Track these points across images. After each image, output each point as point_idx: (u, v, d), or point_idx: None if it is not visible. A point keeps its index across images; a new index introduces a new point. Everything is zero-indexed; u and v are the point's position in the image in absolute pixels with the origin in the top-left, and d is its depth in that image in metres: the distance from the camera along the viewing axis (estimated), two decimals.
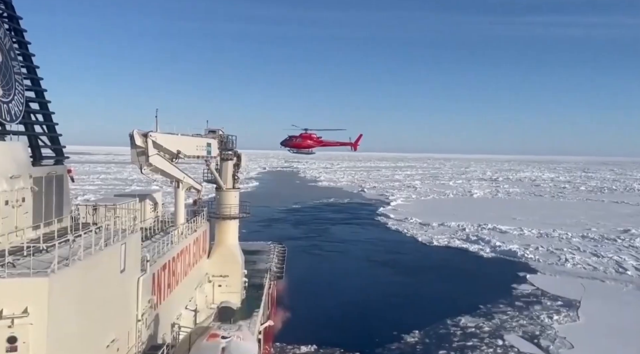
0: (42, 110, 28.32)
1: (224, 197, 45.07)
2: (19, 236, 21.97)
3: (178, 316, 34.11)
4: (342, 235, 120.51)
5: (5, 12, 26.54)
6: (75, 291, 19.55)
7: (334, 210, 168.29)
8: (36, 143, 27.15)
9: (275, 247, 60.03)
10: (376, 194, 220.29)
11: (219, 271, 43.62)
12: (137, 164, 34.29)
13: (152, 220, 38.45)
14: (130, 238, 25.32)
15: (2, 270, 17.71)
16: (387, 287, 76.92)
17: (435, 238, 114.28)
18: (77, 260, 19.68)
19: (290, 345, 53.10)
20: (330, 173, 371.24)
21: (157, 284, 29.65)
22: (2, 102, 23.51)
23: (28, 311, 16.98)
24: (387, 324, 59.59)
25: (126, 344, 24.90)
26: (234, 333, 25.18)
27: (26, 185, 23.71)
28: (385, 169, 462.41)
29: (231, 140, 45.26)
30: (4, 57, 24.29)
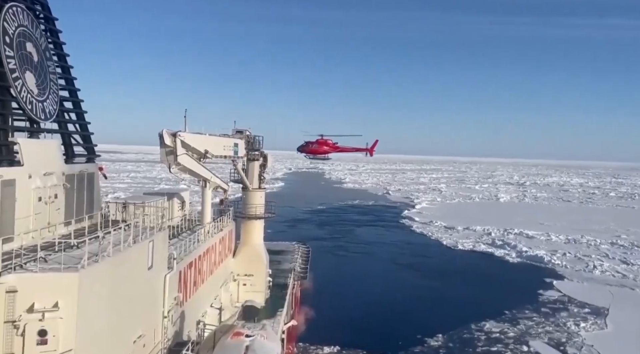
0: (75, 109, 28.93)
1: (250, 197, 45.41)
2: (51, 232, 22.51)
3: (203, 314, 34.49)
4: (367, 237, 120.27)
5: (42, 13, 27.24)
6: (104, 286, 19.97)
7: (358, 211, 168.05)
8: (69, 142, 27.74)
9: (300, 247, 60.18)
10: (401, 197, 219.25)
11: (243, 270, 43.96)
12: (165, 163, 34.77)
13: (179, 219, 38.96)
14: (158, 236, 25.72)
15: (34, 264, 18.21)
16: (411, 290, 76.55)
17: (460, 241, 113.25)
18: (106, 256, 20.10)
19: (313, 345, 53.25)
20: (355, 175, 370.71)
21: (183, 281, 30.05)
22: (37, 101, 24.14)
23: (58, 305, 17.40)
24: (410, 327, 59.33)
25: (152, 340, 25.29)
26: (257, 332, 25.37)
27: (59, 182, 24.28)
28: (411, 172, 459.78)
29: (258, 141, 45.58)
30: (39, 57, 24.94)
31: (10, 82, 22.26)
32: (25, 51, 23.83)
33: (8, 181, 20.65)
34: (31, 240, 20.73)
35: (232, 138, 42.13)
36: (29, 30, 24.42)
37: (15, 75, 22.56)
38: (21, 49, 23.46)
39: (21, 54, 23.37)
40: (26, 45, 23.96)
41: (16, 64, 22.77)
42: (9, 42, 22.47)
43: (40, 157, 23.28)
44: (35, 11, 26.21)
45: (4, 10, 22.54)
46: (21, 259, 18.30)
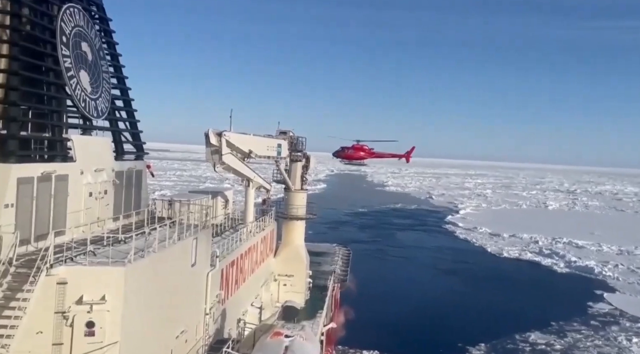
0: (126, 107, 29.71)
1: (292, 198, 45.62)
2: (100, 227, 23.17)
3: (244, 312, 34.80)
4: (408, 241, 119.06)
5: (97, 14, 28.11)
6: (148, 281, 20.40)
7: (400, 215, 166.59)
8: (119, 139, 28.48)
9: (340, 250, 60.03)
10: (444, 201, 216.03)
11: (284, 270, 44.17)
12: (210, 162, 35.34)
13: (222, 217, 39.49)
14: (202, 234, 26.12)
15: (84, 258, 18.77)
16: (452, 296, 75.25)
17: (506, 249, 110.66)
18: (151, 252, 20.53)
19: (352, 349, 53.03)
20: (397, 179, 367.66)
21: (225, 279, 30.40)
22: (90, 99, 24.91)
23: (105, 298, 17.87)
24: (451, 334, 58.30)
25: (194, 337, 25.68)
26: (297, 332, 25.42)
27: (109, 178, 24.97)
28: (455, 176, 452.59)
29: (301, 142, 45.76)
30: (94, 57, 25.74)
31: (65, 80, 23.04)
32: (81, 50, 24.63)
33: (61, 176, 21.36)
34: (81, 234, 21.36)
35: (275, 139, 42.45)
36: (84, 30, 25.23)
37: (70, 73, 23.34)
38: (77, 48, 24.25)
39: (77, 53, 24.17)
40: (81, 44, 24.75)
41: (72, 63, 23.55)
42: (65, 41, 23.27)
43: (92, 154, 23.99)
44: (90, 12, 27.06)
45: (61, 11, 23.37)
46: (72, 252, 18.87)
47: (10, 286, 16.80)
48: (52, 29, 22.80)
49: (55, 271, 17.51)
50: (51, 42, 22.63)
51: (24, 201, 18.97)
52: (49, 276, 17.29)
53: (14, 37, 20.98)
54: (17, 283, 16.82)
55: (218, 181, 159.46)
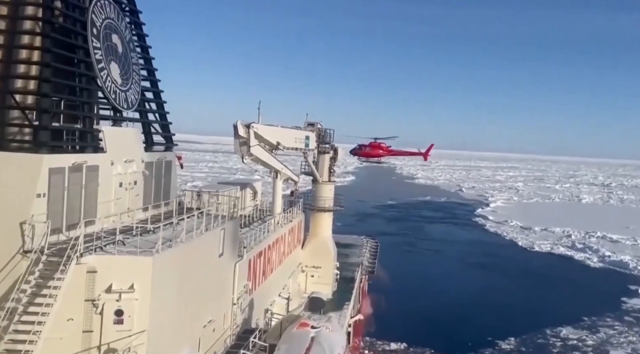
0: (156, 99, 30.05)
1: (320, 190, 45.65)
2: (130, 217, 23.50)
3: (271, 303, 35.05)
4: (437, 234, 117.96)
5: (127, 6, 28.41)
6: (176, 271, 20.64)
7: (429, 208, 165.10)
8: (149, 130, 28.85)
9: (368, 242, 59.88)
10: (475, 194, 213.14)
11: (311, 262, 44.30)
12: (239, 153, 35.56)
13: (251, 208, 39.74)
14: (229, 225, 26.30)
15: (113, 247, 19.07)
16: (482, 290, 74.32)
17: (537, 243, 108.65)
18: (179, 242, 20.75)
19: (380, 340, 52.85)
20: (427, 171, 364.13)
21: (253, 270, 30.60)
22: (120, 91, 25.25)
23: (134, 287, 18.16)
24: (480, 328, 57.59)
25: (222, 326, 25.94)
26: (323, 323, 25.45)
27: (138, 169, 25.30)
28: (486, 169, 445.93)
29: (329, 134, 45.69)
30: (124, 49, 26.04)
31: (96, 72, 23.36)
32: (111, 42, 24.93)
33: (92, 167, 21.72)
34: (111, 223, 21.71)
35: (303, 130, 42.45)
36: (114, 22, 25.52)
37: (101, 65, 23.66)
38: (107, 40, 24.55)
39: (107, 45, 24.47)
40: (112, 36, 25.05)
41: (102, 55, 23.85)
42: (96, 33, 23.57)
43: (122, 145, 24.31)
44: (121, 4, 27.35)
45: (92, 3, 23.65)
46: (101, 241, 19.20)
47: (42, 274, 17.21)
48: (83, 21, 23.11)
49: (85, 260, 17.85)
50: (82, 34, 22.95)
51: (55, 191, 19.34)
52: (79, 264, 17.62)
53: (46, 29, 21.33)
54: (49, 272, 17.22)
55: (248, 173, 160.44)
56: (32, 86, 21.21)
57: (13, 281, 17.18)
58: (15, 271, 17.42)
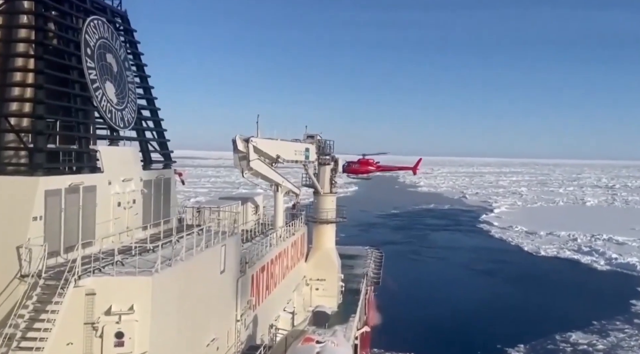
0: (153, 117, 29.92)
1: (322, 202, 45.41)
2: (129, 236, 23.26)
3: (276, 318, 34.65)
4: (442, 242, 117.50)
5: (121, 25, 28.39)
6: (177, 290, 20.35)
7: (433, 216, 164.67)
8: (146, 148, 28.67)
9: (373, 252, 59.44)
10: (479, 200, 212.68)
11: (316, 274, 43.90)
12: (239, 168, 35.33)
13: (253, 223, 39.48)
14: (230, 240, 26.03)
15: (112, 268, 18.83)
16: (489, 297, 73.80)
17: (543, 247, 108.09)
18: (179, 260, 20.49)
19: (388, 352, 52.43)
20: (430, 179, 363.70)
21: (256, 285, 30.27)
22: (116, 110, 25.12)
23: (134, 308, 17.88)
24: (489, 336, 57.09)
25: (226, 344, 25.59)
26: (328, 338, 25.09)
27: (137, 187, 25.07)
28: (489, 174, 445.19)
29: (329, 145, 45.54)
30: (119, 68, 25.96)
31: (91, 92, 23.25)
32: (106, 62, 24.84)
33: (89, 187, 21.53)
34: (111, 244, 21.47)
35: (303, 143, 42.30)
36: (109, 42, 25.47)
37: (96, 85, 23.56)
38: (101, 60, 24.48)
39: (102, 65, 24.40)
40: (106, 56, 24.98)
41: (97, 75, 23.77)
42: (90, 53, 23.51)
43: (119, 164, 24.12)
44: (115, 23, 27.34)
45: (86, 24, 23.62)
46: (100, 263, 18.94)
47: (40, 298, 16.96)
48: (77, 42, 23.06)
49: (83, 283, 17.59)
50: (76, 55, 22.89)
51: (52, 213, 19.14)
52: (77, 287, 17.36)
53: (39, 51, 21.28)
54: (47, 295, 16.97)
55: (251, 187, 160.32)
56: (27, 109, 21.11)
57: (11, 306, 16.94)
58: (12, 296, 17.19)
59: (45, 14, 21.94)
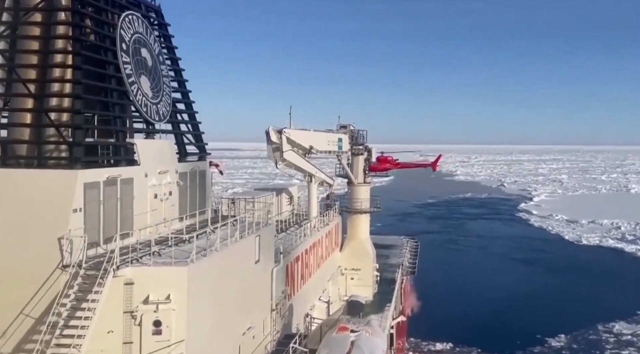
0: (187, 109, 30.34)
1: (355, 192, 45.40)
2: (166, 227, 23.74)
3: (311, 307, 34.92)
4: (480, 231, 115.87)
5: (155, 20, 28.80)
6: (212, 279, 20.70)
7: (471, 204, 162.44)
8: (181, 141, 29.11)
9: (408, 242, 59.15)
10: (517, 189, 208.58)
11: (350, 264, 44.02)
12: (272, 159, 35.60)
13: (288, 213, 39.76)
14: (265, 231, 26.28)
15: (149, 258, 19.28)
16: (529, 286, 72.51)
17: (585, 236, 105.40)
18: (213, 251, 20.82)
19: (425, 341, 52.23)
20: (467, 167, 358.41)
21: (291, 275, 30.53)
22: (151, 103, 25.56)
23: (170, 297, 18.28)
24: (529, 326, 56.18)
25: (262, 332, 25.93)
26: (362, 327, 25.15)
27: (173, 179, 25.50)
28: (528, 162, 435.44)
29: (362, 135, 45.40)
30: (153, 62, 26.37)
31: (127, 87, 23.69)
32: (140, 56, 25.25)
33: (126, 179, 22.01)
34: (148, 235, 21.94)
35: (336, 133, 42.28)
36: (143, 37, 25.86)
37: (131, 79, 23.99)
38: (137, 54, 24.89)
39: (137, 60, 24.81)
40: (141, 50, 25.37)
41: (132, 69, 24.19)
42: (125, 48, 23.94)
43: (155, 157, 24.56)
44: (149, 18, 27.73)
45: (121, 19, 24.05)
46: (137, 253, 19.42)
47: (81, 288, 17.50)
48: (112, 37, 23.51)
49: (121, 273, 18.06)
50: (112, 50, 23.34)
51: (91, 205, 19.66)
52: (116, 277, 17.84)
53: (77, 47, 21.78)
54: (87, 285, 17.50)
55: (288, 178, 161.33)
56: (66, 104, 21.65)
57: (53, 295, 17.54)
58: (55, 286, 17.78)
59: (81, 11, 22.41)
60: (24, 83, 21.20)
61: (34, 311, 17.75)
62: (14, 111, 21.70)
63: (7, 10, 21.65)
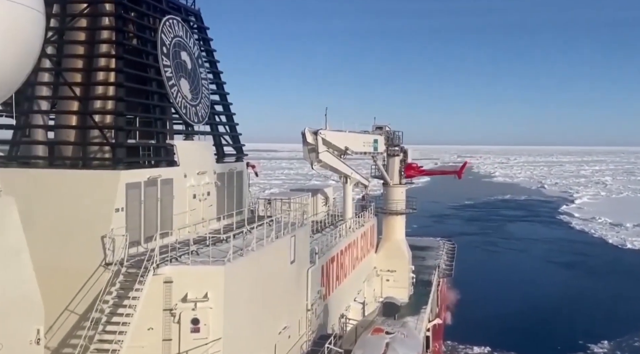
0: (225, 111, 30.88)
1: (391, 193, 45.23)
2: (204, 227, 24.20)
3: (347, 308, 34.99)
4: (519, 233, 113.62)
5: (195, 23, 29.42)
6: (248, 279, 21.02)
7: (510, 206, 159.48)
8: (219, 142, 29.65)
9: (445, 243, 58.55)
10: (558, 191, 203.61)
11: (386, 265, 43.88)
12: (308, 160, 35.87)
13: (323, 214, 39.93)
14: (300, 231, 26.51)
15: (188, 257, 19.72)
16: (570, 291, 70.73)
17: (630, 240, 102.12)
18: (250, 251, 21.14)
19: (462, 344, 51.63)
20: (506, 169, 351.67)
21: (326, 276, 30.67)
22: (190, 105, 26.11)
23: (208, 296, 18.66)
24: (570, 331, 54.89)
25: (297, 332, 26.15)
26: (398, 329, 25.10)
27: (211, 180, 25.98)
28: (569, 164, 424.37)
29: (397, 136, 45.26)
30: (193, 65, 26.95)
31: (167, 89, 24.28)
32: (180, 59, 25.84)
33: (166, 180, 22.55)
34: (187, 234, 22.43)
35: (371, 134, 42.28)
36: (183, 40, 26.45)
37: (171, 82, 24.57)
38: (176, 57, 25.48)
39: (177, 63, 25.39)
40: (181, 54, 25.97)
41: (172, 72, 24.78)
42: (166, 52, 24.54)
43: (194, 158, 25.07)
44: (189, 22, 28.34)
45: (162, 23, 24.66)
46: (176, 252, 19.89)
47: (122, 285, 18.06)
48: (153, 41, 24.13)
49: (161, 271, 18.52)
50: (153, 54, 23.96)
51: (132, 205, 20.22)
52: (156, 275, 18.31)
53: (119, 51, 22.44)
54: (129, 283, 18.03)
55: (324, 179, 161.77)
56: (110, 106, 22.33)
57: (97, 292, 18.13)
58: (98, 283, 18.38)
59: (124, 16, 23.09)
60: (69, 86, 21.99)
61: (78, 307, 18.37)
62: (61, 113, 22.54)
63: (55, 17, 22.46)
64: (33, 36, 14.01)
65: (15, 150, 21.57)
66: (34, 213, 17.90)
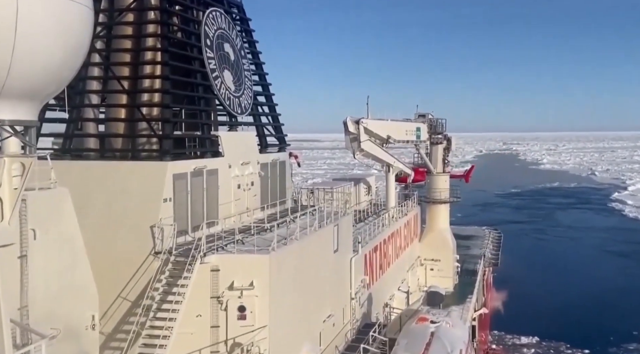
0: (268, 102, 31.13)
1: (434, 181, 44.79)
2: (249, 217, 24.58)
3: (390, 297, 34.96)
4: (568, 222, 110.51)
5: (237, 15, 29.68)
6: (293, 267, 21.29)
7: (558, 194, 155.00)
8: (262, 133, 29.95)
9: (490, 232, 57.58)
10: (610, 178, 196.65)
11: (430, 255, 43.56)
12: (350, 149, 35.87)
13: (366, 203, 39.89)
14: (343, 220, 26.59)
15: (233, 246, 20.09)
16: (623, 280, 68.42)
17: None
18: (294, 240, 21.38)
19: (509, 334, 50.89)
20: (554, 156, 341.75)
21: (369, 265, 30.69)
22: (234, 96, 26.44)
23: (254, 284, 19.00)
24: (623, 322, 53.16)
25: (341, 320, 26.33)
26: (443, 318, 24.89)
27: (254, 170, 26.30)
28: (622, 150, 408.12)
29: (441, 124, 44.68)
30: (235, 56, 27.24)
31: (211, 81, 24.65)
32: (224, 51, 26.17)
33: (212, 170, 22.99)
34: (232, 223, 22.84)
35: (414, 122, 41.87)
36: (226, 32, 26.76)
37: (215, 74, 24.93)
38: (220, 49, 25.81)
39: (220, 55, 25.72)
40: (224, 46, 26.29)
41: (216, 64, 25.12)
42: (209, 44, 24.89)
43: (238, 148, 25.41)
44: (231, 14, 28.61)
45: (205, 16, 25.00)
46: (222, 241, 20.30)
47: (171, 273, 18.61)
48: (197, 34, 24.50)
49: (208, 259, 18.96)
50: (197, 46, 24.34)
51: (180, 195, 20.73)
52: (203, 264, 18.75)
53: (165, 44, 22.91)
54: (177, 271, 18.56)
55: (366, 168, 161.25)
56: (156, 99, 22.88)
57: (147, 280, 18.72)
58: (148, 271, 18.97)
59: (169, 9, 23.55)
60: (118, 80, 22.62)
61: (130, 295, 19.04)
62: (110, 107, 23.23)
63: (103, 12, 23.08)
64: (82, 31, 14.41)
65: (68, 143, 22.38)
66: (87, 204, 18.51)
